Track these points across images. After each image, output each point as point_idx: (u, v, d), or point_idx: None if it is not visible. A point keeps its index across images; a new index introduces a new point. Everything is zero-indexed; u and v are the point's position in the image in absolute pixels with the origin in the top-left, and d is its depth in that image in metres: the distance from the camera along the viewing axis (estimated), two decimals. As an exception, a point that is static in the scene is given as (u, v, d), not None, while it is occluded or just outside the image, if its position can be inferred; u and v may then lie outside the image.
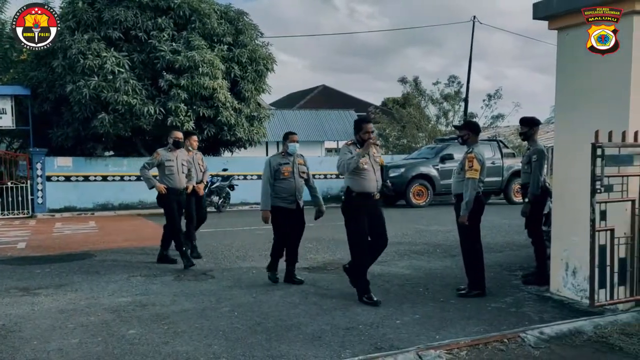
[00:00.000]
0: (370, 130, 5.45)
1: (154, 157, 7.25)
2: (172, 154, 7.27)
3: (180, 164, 7.30)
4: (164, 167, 7.19)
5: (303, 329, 4.64)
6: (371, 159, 5.45)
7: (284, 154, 6.25)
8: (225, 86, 14.90)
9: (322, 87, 38.75)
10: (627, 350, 4.02)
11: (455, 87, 25.46)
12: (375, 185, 5.43)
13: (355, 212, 5.41)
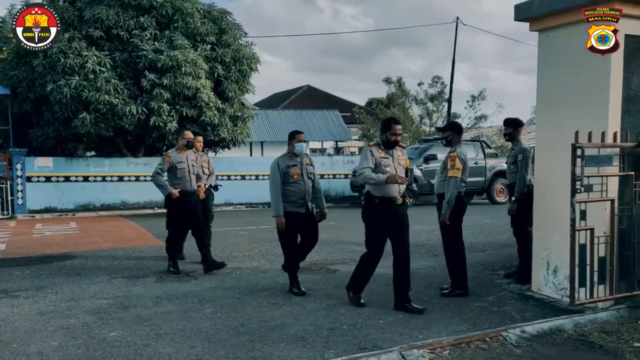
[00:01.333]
0: (399, 132, 5.13)
1: (164, 161, 6.88)
2: (181, 155, 6.97)
3: (191, 165, 7.02)
4: (176, 170, 6.87)
5: (287, 329, 4.63)
6: (395, 161, 5.12)
7: (290, 155, 5.86)
8: (208, 86, 14.82)
9: (306, 87, 38.75)
10: (607, 348, 4.07)
11: (439, 88, 25.66)
12: (397, 189, 5.06)
13: (377, 216, 5.09)
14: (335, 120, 27.68)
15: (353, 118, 28.56)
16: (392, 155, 5.11)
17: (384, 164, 5.03)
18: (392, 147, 5.14)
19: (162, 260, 7.75)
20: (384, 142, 5.15)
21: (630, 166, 5.00)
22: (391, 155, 5.11)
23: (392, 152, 5.13)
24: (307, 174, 5.85)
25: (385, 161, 5.05)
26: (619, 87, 4.92)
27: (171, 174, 6.90)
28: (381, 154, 5.08)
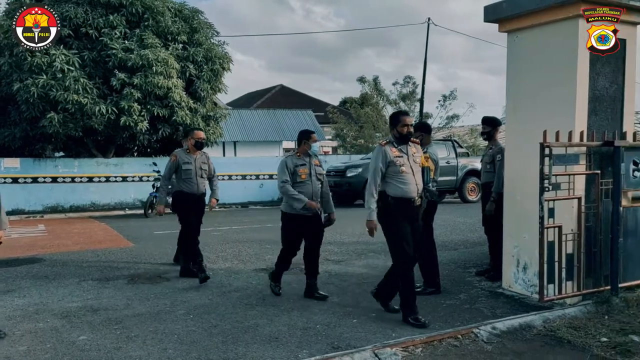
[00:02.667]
0: (410, 123, 4.80)
1: (170, 161, 6.57)
2: (189, 156, 6.63)
3: (199, 167, 6.63)
4: (181, 171, 6.54)
5: (260, 330, 4.61)
6: (410, 159, 4.79)
7: (299, 154, 5.59)
8: (180, 85, 14.66)
9: (279, 87, 38.66)
10: (575, 343, 4.16)
11: (411, 88, 25.90)
12: (415, 189, 4.74)
13: (392, 217, 4.74)
14: (308, 120, 27.69)
15: (327, 118, 28.64)
16: (406, 153, 4.79)
17: (398, 163, 4.70)
18: (405, 143, 4.82)
19: (134, 262, 7.65)
20: (396, 137, 4.82)
21: (596, 165, 5.12)
22: (405, 153, 4.78)
23: (407, 150, 4.81)
24: (316, 175, 5.60)
25: (400, 160, 4.72)
26: (585, 88, 5.04)
27: (177, 174, 6.62)
28: (395, 153, 4.74)
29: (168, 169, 6.60)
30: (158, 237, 10.08)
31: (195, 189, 6.57)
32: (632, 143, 5.24)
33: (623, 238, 5.15)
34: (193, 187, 6.56)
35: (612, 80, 5.21)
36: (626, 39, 5.24)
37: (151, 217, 13.32)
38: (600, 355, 3.95)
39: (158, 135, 15.19)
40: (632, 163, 5.28)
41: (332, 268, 7.12)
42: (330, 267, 7.15)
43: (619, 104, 5.29)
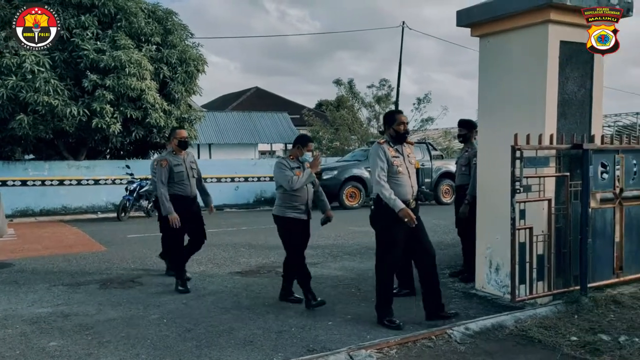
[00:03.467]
0: (406, 121, 4.74)
1: (162, 167, 6.15)
2: (178, 157, 6.30)
3: (190, 167, 6.33)
4: (173, 174, 6.18)
5: (235, 334, 4.58)
6: (406, 160, 4.71)
7: (292, 158, 5.44)
8: (154, 87, 14.50)
9: (255, 89, 38.55)
10: (545, 342, 4.24)
11: (386, 91, 26.07)
12: (410, 191, 4.67)
13: (386, 221, 4.62)
14: (284, 123, 27.69)
15: (302, 120, 28.64)
16: (402, 154, 4.71)
17: (395, 163, 4.62)
18: (401, 142, 4.75)
19: (106, 267, 7.53)
20: (393, 137, 4.72)
21: (565, 167, 5.23)
22: (401, 154, 4.70)
23: (402, 150, 4.73)
24: None
25: (397, 160, 4.64)
26: (555, 92, 5.14)
27: (169, 178, 6.22)
28: (392, 152, 4.64)
29: (163, 174, 6.14)
30: (131, 240, 9.93)
31: (189, 190, 6.29)
32: (600, 146, 5.36)
33: (592, 239, 5.26)
34: (187, 189, 6.26)
35: (580, 85, 5.33)
36: (594, 44, 5.36)
37: (124, 220, 13.13)
38: (570, 354, 4.02)
39: (131, 138, 14.99)
40: (600, 165, 5.40)
41: (307, 271, 7.10)
42: (306, 270, 7.14)
43: (587, 107, 5.41)
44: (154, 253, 8.47)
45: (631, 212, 5.67)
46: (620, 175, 5.57)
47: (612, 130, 22.04)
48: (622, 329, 4.42)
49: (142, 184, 13.75)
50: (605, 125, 22.61)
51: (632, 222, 5.69)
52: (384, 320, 4.74)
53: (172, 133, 6.50)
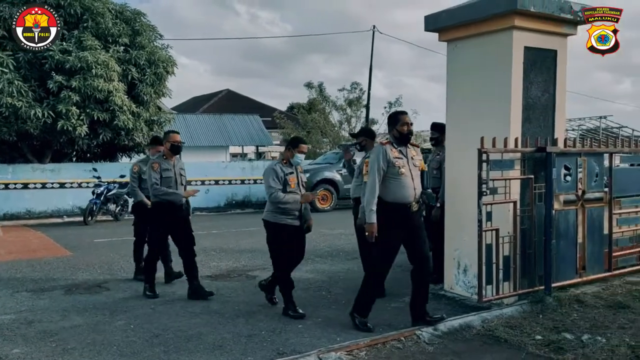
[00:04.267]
0: (410, 122, 4.59)
1: (153, 169, 5.88)
2: (167, 162, 5.99)
3: (179, 173, 6.04)
4: (161, 179, 5.90)
5: (204, 338, 4.54)
6: (409, 162, 4.58)
7: (285, 162, 5.29)
8: (121, 89, 14.25)
9: (226, 91, 38.32)
10: (511, 342, 4.32)
11: (357, 94, 26.23)
12: (413, 194, 4.53)
13: (385, 225, 4.47)
14: (256, 125, 27.56)
15: (274, 123, 28.59)
16: (406, 156, 4.58)
17: (398, 164, 4.49)
18: (405, 144, 4.63)
19: (71, 272, 7.36)
20: (396, 138, 4.60)
21: (530, 170, 5.34)
22: (405, 156, 4.57)
23: (406, 152, 4.60)
24: (302, 183, 5.38)
25: (400, 162, 4.51)
26: (520, 96, 5.26)
27: None
28: (395, 154, 4.53)
29: (153, 176, 5.88)
30: (98, 245, 9.74)
31: (177, 198, 6.00)
32: (563, 149, 5.50)
33: (555, 240, 5.39)
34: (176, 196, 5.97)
35: (544, 90, 5.46)
36: (557, 49, 5.51)
37: (91, 224, 12.87)
38: (534, 353, 4.11)
39: (98, 140, 14.70)
40: (563, 168, 5.54)
41: (278, 274, 7.08)
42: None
43: (550, 111, 5.55)
44: (122, 258, 8.33)
45: (593, 213, 5.83)
46: (583, 177, 5.72)
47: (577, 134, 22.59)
48: (585, 328, 4.53)
49: (109, 187, 13.51)
50: (570, 129, 23.13)
51: (594, 223, 5.85)
52: (356, 321, 4.73)
53: (165, 136, 6.20)
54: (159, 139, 6.93)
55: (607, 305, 5.10)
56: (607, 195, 6.04)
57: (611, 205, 6.04)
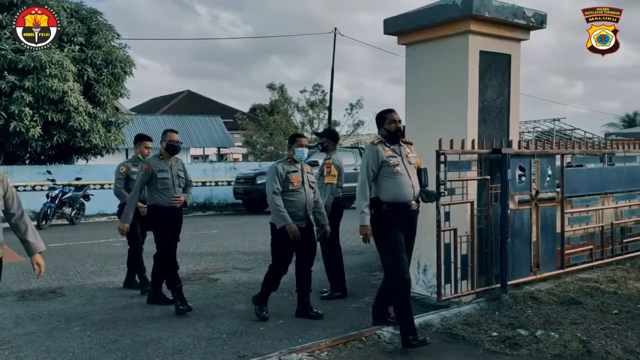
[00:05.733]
0: (398, 119, 4.45)
1: (142, 169, 5.54)
2: (164, 162, 5.64)
3: (176, 175, 5.64)
4: (156, 180, 5.48)
5: (163, 343, 4.47)
6: (404, 160, 4.42)
7: (290, 160, 5.14)
8: (77, 89, 13.90)
9: (186, 92, 37.82)
10: (469, 339, 4.41)
11: (320, 96, 26.31)
12: (411, 192, 4.36)
13: (386, 227, 4.32)
14: (217, 127, 27.29)
15: (236, 124, 28.36)
16: (399, 154, 4.42)
17: (392, 162, 4.34)
18: (396, 141, 4.46)
19: (25, 278, 7.12)
20: (386, 137, 4.46)
21: (486, 171, 5.48)
22: (399, 154, 4.41)
23: (400, 150, 4.45)
24: (309, 183, 5.16)
25: (394, 160, 4.35)
26: (476, 99, 5.39)
27: (151, 185, 5.53)
28: (388, 152, 4.38)
29: (140, 180, 5.55)
30: (53, 250, 9.44)
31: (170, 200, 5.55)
32: (517, 150, 5.66)
33: (511, 239, 5.54)
34: (168, 199, 5.51)
35: (499, 93, 5.61)
36: (511, 54, 5.67)
37: (45, 229, 12.48)
38: (491, 349, 4.21)
39: (53, 142, 14.28)
40: (518, 169, 5.71)
41: (240, 276, 7.05)
42: (239, 276, 7.08)
43: (505, 114, 5.71)
44: (78, 263, 8.12)
45: (546, 213, 6.02)
46: (536, 178, 5.90)
47: (532, 136, 23.27)
48: (538, 324, 4.67)
49: (64, 190, 13.14)
50: (526, 131, 23.84)
51: (547, 222, 6.04)
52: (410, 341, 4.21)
53: (162, 135, 5.81)
54: (143, 135, 6.66)
55: (559, 302, 5.27)
56: (559, 195, 6.25)
57: (563, 205, 6.25)
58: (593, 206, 6.74)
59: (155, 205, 5.52)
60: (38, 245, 3.70)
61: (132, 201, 5.61)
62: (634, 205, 7.26)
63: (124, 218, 5.62)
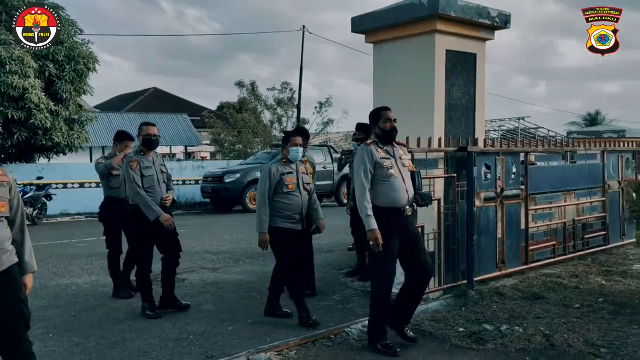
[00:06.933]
0: (393, 118, 4.27)
1: (133, 169, 5.17)
2: (146, 159, 5.32)
3: (160, 170, 5.38)
4: (142, 178, 5.22)
5: (129, 345, 4.38)
6: (398, 162, 4.22)
7: (285, 160, 4.94)
8: (38, 86, 13.52)
9: (153, 89, 37.19)
10: (436, 335, 4.46)
11: (289, 94, 26.25)
12: (406, 196, 4.14)
13: (384, 232, 4.05)
14: (184, 125, 26.96)
15: (203, 122, 28.05)
16: (393, 156, 4.22)
17: (386, 165, 4.13)
18: (390, 142, 4.28)
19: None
20: (380, 137, 4.25)
21: (453, 169, 5.55)
22: (392, 156, 4.22)
23: (393, 152, 4.26)
24: (304, 185, 4.98)
25: (387, 162, 4.15)
26: (442, 98, 5.45)
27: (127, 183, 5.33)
28: (381, 154, 4.17)
29: (136, 177, 5.17)
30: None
31: (159, 197, 5.29)
32: (483, 149, 5.76)
33: (477, 236, 5.64)
34: (157, 198, 5.25)
35: (465, 92, 5.69)
36: (476, 53, 5.76)
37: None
38: (458, 344, 4.27)
39: (13, 140, 13.87)
40: (484, 167, 5.80)
41: (208, 276, 6.98)
42: (206, 276, 7.01)
43: (471, 112, 5.79)
44: (39, 264, 7.83)
45: (511, 210, 6.14)
46: (502, 176, 6.01)
47: (498, 135, 23.72)
48: (504, 319, 4.76)
49: (25, 190, 12.78)
50: (492, 130, 24.28)
51: (512, 219, 6.16)
52: (377, 344, 4.15)
53: (139, 130, 5.44)
54: (125, 134, 6.29)
55: (524, 297, 5.38)
56: (524, 192, 6.38)
57: (527, 202, 6.38)
58: (556, 203, 6.92)
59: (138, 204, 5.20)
60: (31, 265, 3.21)
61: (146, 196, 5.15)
62: (595, 202, 7.48)
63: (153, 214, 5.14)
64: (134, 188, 5.16)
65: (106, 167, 6.10)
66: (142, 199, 5.13)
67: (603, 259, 7.01)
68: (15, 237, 3.07)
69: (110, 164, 6.07)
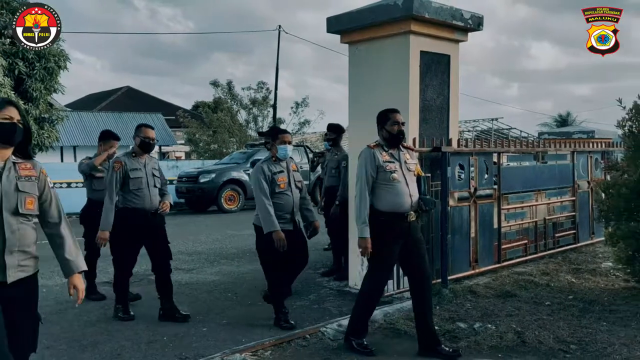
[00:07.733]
0: (401, 121, 4.16)
1: (113, 170, 4.97)
2: (137, 160, 5.14)
3: (151, 174, 5.14)
4: (128, 180, 4.98)
5: (100, 347, 4.31)
6: (403, 166, 4.10)
7: (274, 159, 4.82)
8: (7, 84, 13.18)
9: (126, 88, 36.67)
10: (410, 333, 4.49)
11: (264, 94, 26.16)
12: (409, 201, 4.02)
13: (381, 237, 4.00)
14: (158, 124, 26.61)
15: (178, 122, 27.77)
16: (398, 159, 4.11)
17: (389, 168, 4.03)
18: (396, 145, 4.17)
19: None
20: (386, 139, 4.14)
21: (427, 168, 5.60)
22: (397, 159, 4.11)
23: (399, 156, 4.14)
24: (295, 183, 4.89)
25: (391, 165, 4.05)
26: (417, 98, 5.50)
27: (123, 187, 5.03)
28: (385, 157, 4.07)
29: (113, 182, 4.96)
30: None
31: (147, 202, 5.05)
32: (456, 149, 5.82)
33: (451, 235, 5.70)
34: (144, 201, 5.03)
35: (439, 92, 5.75)
36: (450, 54, 5.82)
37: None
38: (432, 342, 4.30)
39: (-19, 139, 13.52)
40: (458, 167, 5.87)
41: (182, 277, 6.91)
42: (181, 277, 6.93)
43: (445, 113, 5.86)
44: (9, 266, 7.71)
45: (483, 209, 6.22)
46: (475, 175, 6.09)
47: (472, 135, 24.04)
48: (477, 317, 4.82)
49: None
50: (465, 130, 24.61)
51: (485, 218, 6.25)
52: (352, 342, 4.13)
53: (136, 131, 5.25)
54: (110, 133, 6.13)
55: (496, 295, 5.47)
56: (496, 192, 6.48)
57: (500, 202, 6.48)
58: (527, 202, 7.04)
59: (126, 208, 5.01)
60: (78, 264, 2.95)
61: (110, 206, 4.97)
62: (565, 202, 7.63)
63: (104, 225, 4.95)
64: (109, 191, 4.98)
65: (89, 167, 5.99)
66: (109, 204, 4.96)
67: (573, 257, 7.16)
68: (54, 237, 2.91)
69: (92, 164, 5.96)
